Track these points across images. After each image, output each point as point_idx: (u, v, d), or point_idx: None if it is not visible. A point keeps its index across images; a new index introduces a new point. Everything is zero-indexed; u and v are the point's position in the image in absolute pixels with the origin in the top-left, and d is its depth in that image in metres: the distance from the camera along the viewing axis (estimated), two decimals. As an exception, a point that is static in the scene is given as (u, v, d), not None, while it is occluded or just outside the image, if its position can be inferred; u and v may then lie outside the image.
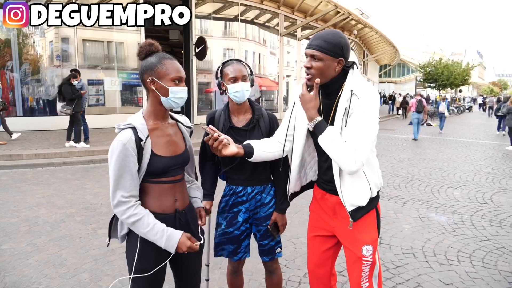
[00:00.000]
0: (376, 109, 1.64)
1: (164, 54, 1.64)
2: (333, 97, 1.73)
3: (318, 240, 1.93)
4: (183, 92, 1.61)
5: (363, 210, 1.72)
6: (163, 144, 1.63)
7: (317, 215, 1.94)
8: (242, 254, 2.17)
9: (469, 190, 6.03)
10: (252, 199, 2.09)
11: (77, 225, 4.16)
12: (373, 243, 1.76)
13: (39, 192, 5.44)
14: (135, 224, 1.51)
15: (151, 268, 1.59)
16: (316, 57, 1.66)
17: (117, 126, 1.58)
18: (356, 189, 1.70)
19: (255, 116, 2.05)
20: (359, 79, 1.70)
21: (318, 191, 1.92)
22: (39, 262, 3.27)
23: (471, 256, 3.57)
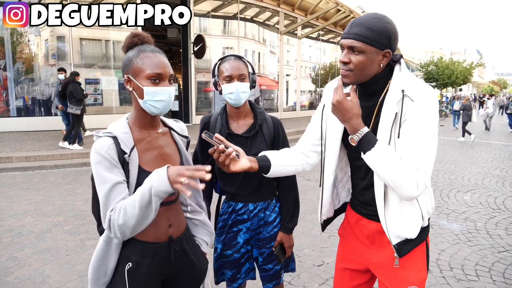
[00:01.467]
0: (437, 115, 1.29)
1: (146, 47, 1.31)
2: (375, 98, 1.36)
3: (348, 274, 1.58)
4: (163, 93, 1.27)
5: (412, 243, 1.38)
6: (152, 159, 1.33)
7: (349, 243, 1.59)
8: (242, 280, 1.87)
9: (480, 194, 5.75)
10: (254, 217, 1.79)
11: (64, 235, 3.87)
12: (420, 284, 1.41)
13: (27, 198, 5.14)
14: (126, 214, 1.15)
15: None
16: (356, 48, 1.27)
17: (95, 133, 1.28)
18: (404, 217, 1.36)
19: (257, 121, 1.75)
20: (410, 76, 1.33)
21: (352, 214, 1.56)
22: (18, 279, 2.97)
23: (491, 270, 3.29)
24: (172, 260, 1.36)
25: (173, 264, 1.38)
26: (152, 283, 1.35)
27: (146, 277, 1.33)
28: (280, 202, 1.85)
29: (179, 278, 1.44)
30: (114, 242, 1.30)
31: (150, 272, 1.33)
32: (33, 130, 10.85)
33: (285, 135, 1.83)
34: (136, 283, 1.30)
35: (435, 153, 1.29)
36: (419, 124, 1.25)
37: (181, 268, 1.41)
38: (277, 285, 1.90)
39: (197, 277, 1.48)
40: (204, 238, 1.54)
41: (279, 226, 1.82)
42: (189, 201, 1.50)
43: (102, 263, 1.30)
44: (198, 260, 1.47)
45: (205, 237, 1.55)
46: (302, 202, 1.79)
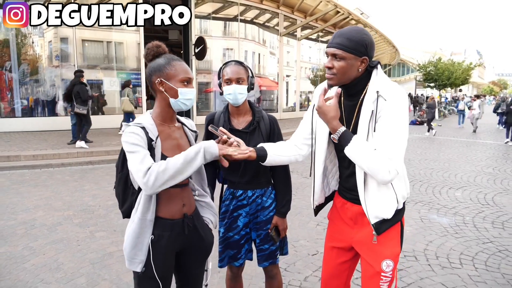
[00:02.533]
0: (406, 112, 1.53)
1: (173, 56, 1.61)
2: (356, 98, 1.62)
3: (335, 252, 1.82)
4: (191, 93, 1.58)
5: (388, 223, 1.61)
6: (171, 147, 1.59)
7: (336, 225, 1.83)
8: (242, 260, 2.11)
9: (471, 191, 5.98)
10: (252, 203, 2.04)
11: (74, 228, 4.11)
12: (394, 258, 1.64)
13: (37, 194, 5.39)
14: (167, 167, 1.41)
15: (160, 274, 1.55)
16: (338, 56, 1.53)
17: (126, 124, 1.55)
18: (381, 200, 1.58)
19: (255, 118, 2.00)
20: (384, 79, 1.57)
21: (339, 199, 1.81)
22: (35, 266, 3.22)
23: (474, 259, 3.52)
24: (186, 234, 1.61)
25: (186, 238, 1.63)
26: (169, 254, 1.60)
27: (165, 248, 1.57)
28: (275, 190, 2.09)
29: (190, 251, 1.69)
30: (148, 219, 1.53)
31: (168, 244, 1.58)
32: (38, 130, 11.10)
33: (279, 130, 2.08)
34: (157, 253, 1.54)
35: (405, 143, 1.53)
36: (390, 119, 1.48)
37: (193, 241, 1.66)
38: (272, 264, 2.14)
39: (205, 249, 1.73)
40: (210, 217, 1.80)
41: (274, 210, 2.06)
42: (197, 186, 1.75)
43: (138, 240, 1.53)
44: (206, 235, 1.72)
45: (210, 217, 1.80)
46: (299, 198, 2.03)
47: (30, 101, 11.79)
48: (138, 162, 1.42)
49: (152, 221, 1.54)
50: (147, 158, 1.44)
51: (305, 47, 21.03)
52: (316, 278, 3.08)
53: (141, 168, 1.40)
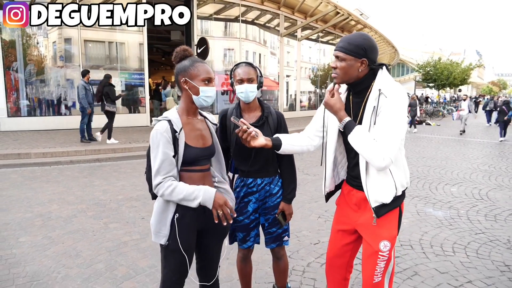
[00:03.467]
0: (404, 108, 1.72)
1: (196, 58, 1.83)
2: (362, 95, 1.83)
3: (341, 234, 2.04)
4: (211, 91, 1.80)
5: (387, 207, 1.80)
6: (194, 137, 1.82)
7: (342, 209, 2.05)
8: (251, 243, 2.34)
9: (466, 186, 6.21)
10: (261, 190, 2.27)
11: (89, 219, 4.34)
12: (391, 239, 1.83)
13: (50, 189, 5.62)
14: (172, 193, 1.67)
15: (184, 247, 1.78)
16: (339, 57, 1.78)
17: (154, 119, 1.80)
18: (381, 186, 1.78)
19: (264, 113, 2.23)
20: (387, 79, 1.77)
21: (346, 187, 2.02)
22: (56, 253, 3.45)
23: (466, 248, 3.75)
24: (206, 215, 1.84)
25: (206, 218, 1.85)
26: (192, 231, 1.83)
27: (188, 225, 1.80)
28: (281, 178, 2.32)
29: (209, 231, 1.92)
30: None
31: (191, 222, 1.81)
32: (44, 129, 11.32)
33: (286, 125, 2.31)
34: (182, 229, 1.77)
35: (401, 135, 1.72)
36: (389, 114, 1.69)
37: (211, 222, 1.88)
38: (279, 246, 2.37)
39: (222, 230, 1.97)
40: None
41: (281, 197, 2.29)
42: (216, 173, 1.99)
43: (162, 217, 1.77)
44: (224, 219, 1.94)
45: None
46: (301, 193, 2.26)
47: (36, 101, 12.01)
48: (155, 171, 1.70)
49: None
50: (164, 165, 1.69)
51: (305, 48, 21.25)
52: (318, 264, 3.31)
53: (155, 181, 1.70)
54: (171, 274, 1.81)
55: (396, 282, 3.04)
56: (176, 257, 1.78)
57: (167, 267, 1.81)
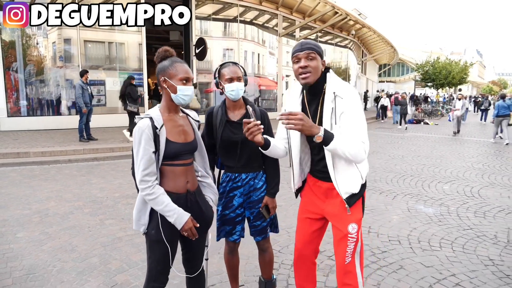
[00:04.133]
0: (361, 104, 1.93)
1: (176, 58, 1.93)
2: (317, 97, 2.00)
3: (308, 222, 2.20)
4: (189, 90, 1.90)
5: (356, 196, 1.98)
6: (176, 133, 1.92)
7: (309, 199, 2.20)
8: (237, 236, 2.44)
9: (458, 184, 6.30)
10: (246, 184, 2.36)
11: (85, 216, 4.44)
12: (358, 222, 2.02)
13: (48, 187, 5.72)
14: (152, 201, 1.80)
15: (167, 238, 1.88)
16: (310, 56, 1.93)
17: (138, 116, 1.89)
18: (349, 178, 1.95)
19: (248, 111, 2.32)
20: (337, 81, 1.96)
21: (311, 179, 2.18)
22: (52, 248, 3.55)
23: (453, 243, 3.84)
24: (189, 207, 1.93)
25: (189, 210, 1.94)
26: None
27: None
28: (265, 173, 2.42)
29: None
30: None
31: None
32: (43, 129, 11.42)
33: (269, 123, 2.39)
34: (165, 221, 1.87)
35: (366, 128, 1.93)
36: (353, 113, 1.88)
37: (194, 214, 1.98)
38: (264, 238, 2.47)
39: (205, 222, 2.06)
40: (210, 196, 2.13)
41: (265, 191, 2.39)
42: (199, 168, 2.08)
43: (142, 207, 1.88)
44: (206, 210, 2.05)
45: (211, 195, 2.14)
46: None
47: (35, 100, 12.11)
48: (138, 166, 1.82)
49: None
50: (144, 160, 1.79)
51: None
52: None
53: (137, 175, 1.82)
54: (156, 264, 1.91)
55: (381, 275, 3.13)
56: (160, 248, 1.88)
57: (152, 257, 1.91)
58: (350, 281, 2.02)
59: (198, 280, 2.14)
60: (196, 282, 2.13)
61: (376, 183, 6.28)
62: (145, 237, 1.93)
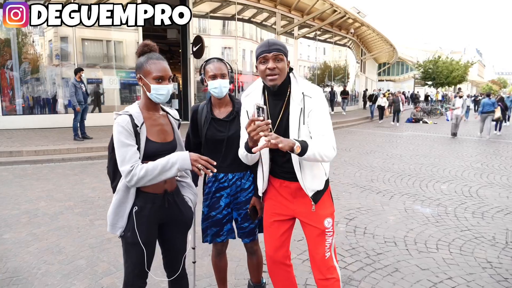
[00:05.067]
0: (327, 104, 1.96)
1: (153, 55, 1.82)
2: (281, 98, 1.95)
3: (276, 225, 2.12)
4: (164, 89, 1.79)
5: (321, 192, 1.99)
6: (155, 132, 1.83)
7: (275, 201, 2.12)
8: (224, 237, 2.34)
9: (457, 184, 6.21)
10: (233, 185, 2.27)
11: (75, 216, 4.35)
12: (331, 215, 2.03)
13: (39, 186, 5.62)
14: (147, 173, 1.67)
15: (143, 240, 1.78)
16: (278, 57, 1.87)
17: (116, 113, 1.79)
18: (314, 177, 1.95)
19: (234, 108, 2.23)
20: (304, 81, 1.94)
21: (276, 181, 2.09)
22: (38, 250, 3.45)
23: (450, 245, 3.75)
24: (166, 208, 1.85)
25: (167, 211, 1.86)
26: (152, 224, 1.84)
27: (148, 218, 1.81)
28: (253, 174, 2.32)
29: (171, 224, 1.93)
30: (131, 191, 1.77)
31: (150, 215, 1.82)
32: (38, 127, 11.32)
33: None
34: (141, 222, 1.78)
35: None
36: (321, 112, 1.88)
37: (173, 215, 1.90)
38: (252, 241, 2.37)
39: (184, 223, 1.98)
40: (190, 196, 2.04)
41: (253, 192, 2.29)
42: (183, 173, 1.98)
43: (120, 209, 1.78)
44: (185, 211, 1.97)
45: (190, 196, 2.05)
46: None
47: (31, 99, 12.01)
48: (121, 161, 1.69)
49: (133, 193, 1.78)
50: (129, 155, 1.68)
51: (303, 46, 21.24)
52: (299, 261, 3.32)
53: (124, 169, 1.68)
54: (133, 267, 1.82)
55: (376, 278, 3.05)
56: (136, 250, 1.79)
57: (128, 260, 1.83)
58: (333, 275, 2.02)
59: (180, 285, 2.05)
60: (178, 286, 2.04)
61: (373, 183, 6.19)
62: (121, 240, 1.84)
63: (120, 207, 1.79)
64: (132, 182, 1.69)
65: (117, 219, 1.79)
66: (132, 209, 1.78)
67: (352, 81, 27.92)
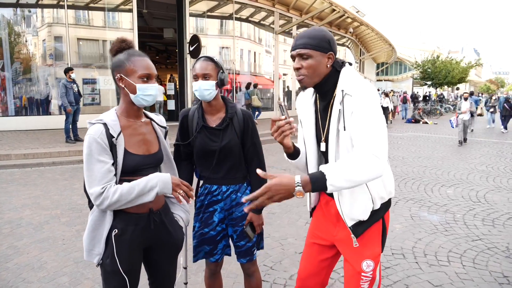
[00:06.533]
0: (377, 105, 1.46)
1: (134, 51, 1.57)
2: (328, 98, 1.61)
3: (316, 248, 1.79)
4: (152, 89, 1.55)
5: (365, 224, 1.58)
6: (135, 142, 1.57)
7: (319, 221, 1.81)
8: (219, 256, 2.08)
9: (463, 188, 5.97)
10: (227, 198, 2.01)
11: (61, 226, 4.07)
12: (374, 258, 1.62)
13: (26, 193, 5.34)
14: (121, 197, 1.43)
15: (125, 268, 1.52)
16: (304, 55, 1.53)
17: (89, 121, 1.53)
18: (355, 202, 1.55)
19: (228, 114, 1.96)
20: (350, 76, 1.54)
21: (324, 197, 1.78)
22: (18, 265, 3.18)
23: (462, 257, 3.50)
24: (152, 229, 1.59)
25: (153, 233, 1.60)
26: (135, 248, 1.58)
27: (130, 242, 1.55)
28: (250, 186, 2.06)
29: (158, 247, 1.66)
30: (108, 213, 1.51)
31: (133, 238, 1.56)
32: (31, 129, 11.04)
33: (254, 126, 2.03)
34: (122, 248, 1.52)
35: (385, 132, 1.45)
36: (363, 114, 1.43)
37: (160, 237, 1.63)
38: (250, 261, 2.10)
39: (174, 246, 1.71)
40: (180, 214, 1.78)
41: None
42: None
43: (96, 233, 1.52)
44: (175, 231, 1.70)
45: (181, 213, 1.78)
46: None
47: (23, 100, 11.72)
48: (90, 182, 1.44)
49: (111, 214, 1.52)
50: (100, 174, 1.43)
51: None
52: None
53: (93, 192, 1.43)
54: None
55: (385, 297, 2.79)
56: (116, 280, 1.53)
57: None
58: None
59: None
60: None
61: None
62: (100, 268, 1.57)
63: (96, 230, 1.53)
64: (103, 206, 1.43)
65: (93, 244, 1.53)
66: (111, 232, 1.52)
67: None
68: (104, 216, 1.52)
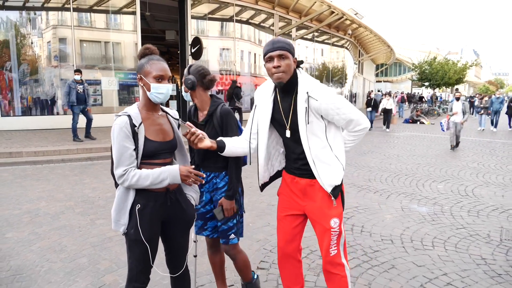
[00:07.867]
0: (340, 97, 1.96)
1: (153, 56, 1.89)
2: (290, 96, 2.01)
3: (289, 219, 2.19)
4: (163, 88, 1.86)
5: (339, 188, 2.03)
6: (154, 131, 1.89)
7: (287, 197, 2.20)
8: (209, 232, 2.44)
9: (453, 183, 6.29)
10: (210, 181, 2.37)
11: (76, 216, 4.40)
12: (339, 216, 2.05)
13: (39, 187, 5.67)
14: (138, 181, 1.76)
15: (146, 237, 1.84)
16: (283, 56, 1.92)
17: (115, 114, 1.86)
18: (331, 171, 2.00)
19: (209, 112, 2.29)
20: (310, 80, 1.98)
21: (288, 176, 2.19)
22: (41, 248, 3.51)
23: (445, 242, 3.82)
24: (169, 206, 1.91)
25: (169, 209, 1.92)
26: (155, 221, 1.90)
27: (150, 216, 1.87)
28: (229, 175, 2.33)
29: (173, 221, 1.99)
30: (131, 190, 1.84)
31: (153, 212, 1.88)
32: (37, 128, 11.35)
33: (232, 123, 2.29)
34: (144, 220, 1.84)
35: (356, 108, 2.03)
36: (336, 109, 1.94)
37: (175, 213, 1.95)
38: (226, 244, 2.37)
39: (187, 221, 2.03)
40: (192, 194, 2.11)
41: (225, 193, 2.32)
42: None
43: (122, 206, 1.84)
44: (188, 208, 2.03)
45: (193, 194, 2.11)
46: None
47: (30, 100, 12.04)
48: (116, 163, 1.78)
49: (134, 191, 1.84)
50: (124, 157, 1.77)
51: (301, 47, 21.33)
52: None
53: (117, 172, 1.77)
54: (136, 263, 1.87)
55: (372, 275, 3.11)
56: (139, 247, 1.84)
57: (132, 256, 1.88)
58: (338, 271, 2.07)
59: (183, 280, 2.11)
60: (180, 282, 2.10)
61: (370, 183, 6.26)
62: (125, 237, 1.90)
63: (122, 203, 1.84)
64: (124, 185, 1.79)
65: (120, 215, 1.85)
66: (134, 207, 1.84)
67: (350, 82, 28.03)
68: (128, 192, 1.84)
